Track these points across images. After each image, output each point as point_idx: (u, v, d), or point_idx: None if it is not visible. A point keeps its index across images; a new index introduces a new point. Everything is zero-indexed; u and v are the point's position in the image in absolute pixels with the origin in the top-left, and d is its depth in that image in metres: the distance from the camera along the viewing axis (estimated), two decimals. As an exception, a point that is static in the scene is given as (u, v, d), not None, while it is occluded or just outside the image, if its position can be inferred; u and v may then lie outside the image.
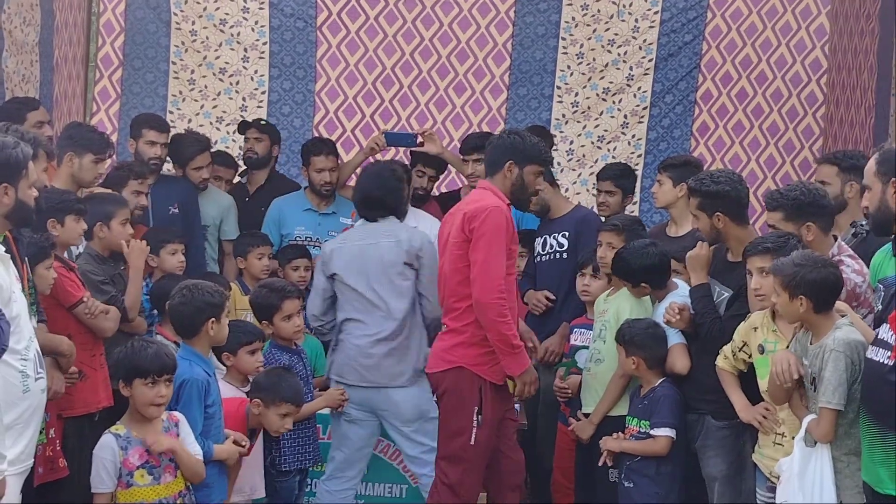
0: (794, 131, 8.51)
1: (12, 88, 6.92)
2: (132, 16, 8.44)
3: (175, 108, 8.49)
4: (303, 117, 8.65)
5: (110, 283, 5.72)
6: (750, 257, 4.95)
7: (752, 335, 4.99)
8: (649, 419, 5.44)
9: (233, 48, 8.53)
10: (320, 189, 7.29)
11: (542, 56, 8.60)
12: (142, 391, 4.70)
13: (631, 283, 5.69)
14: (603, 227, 6.05)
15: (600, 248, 5.99)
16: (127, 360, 4.79)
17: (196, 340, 5.08)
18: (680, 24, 8.51)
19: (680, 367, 5.49)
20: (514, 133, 5.86)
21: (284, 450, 5.71)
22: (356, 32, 8.60)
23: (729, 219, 5.35)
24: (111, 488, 4.63)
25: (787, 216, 5.02)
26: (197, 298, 5.06)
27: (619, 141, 8.61)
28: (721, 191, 5.37)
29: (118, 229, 5.81)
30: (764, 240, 4.96)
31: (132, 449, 4.65)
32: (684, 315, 5.42)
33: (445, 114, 8.70)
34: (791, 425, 4.76)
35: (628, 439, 5.53)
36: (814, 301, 4.44)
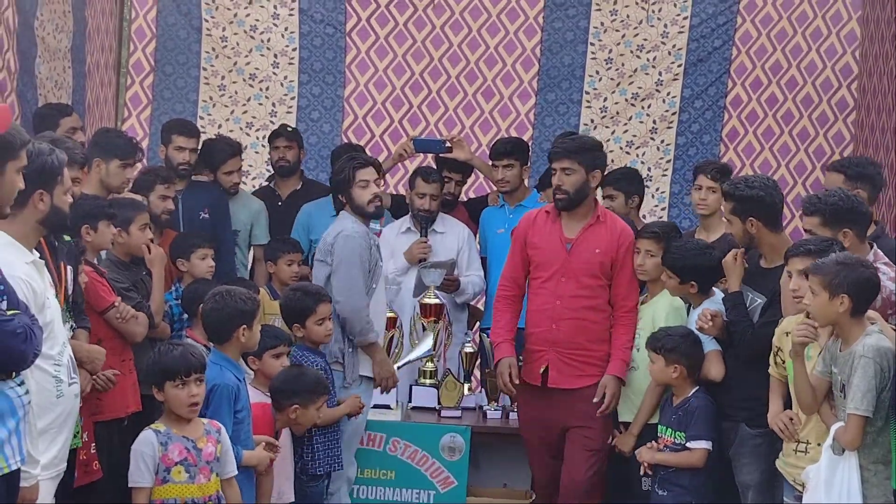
0: (824, 137, 8.47)
1: (45, 94, 6.97)
2: (163, 22, 8.50)
3: (205, 114, 8.53)
4: (332, 122, 8.68)
5: (134, 289, 5.76)
6: (791, 258, 4.90)
7: (784, 340, 4.95)
8: (685, 430, 5.42)
9: (263, 54, 8.57)
10: None
11: (571, 61, 8.60)
12: (174, 393, 4.72)
13: (680, 279, 5.66)
14: (642, 235, 5.99)
15: (638, 256, 5.91)
16: (155, 365, 4.81)
17: (227, 346, 5.11)
18: (709, 30, 8.49)
19: (714, 373, 5.48)
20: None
21: (318, 454, 5.70)
22: (385, 38, 8.63)
23: (762, 224, 5.33)
24: (150, 483, 4.63)
25: (824, 221, 5.00)
26: (230, 304, 5.09)
27: (648, 146, 8.60)
28: (755, 195, 5.35)
29: (137, 234, 5.84)
30: (807, 242, 4.92)
31: (172, 445, 4.68)
32: (717, 321, 5.41)
33: (473, 119, 8.71)
34: (816, 433, 4.75)
35: (662, 450, 5.51)
36: (854, 301, 4.41)
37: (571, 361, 5.91)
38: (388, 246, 7.16)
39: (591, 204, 5.96)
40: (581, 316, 5.90)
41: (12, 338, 3.61)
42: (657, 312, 5.80)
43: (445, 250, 7.15)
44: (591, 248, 5.88)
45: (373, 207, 6.23)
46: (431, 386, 6.67)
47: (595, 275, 5.88)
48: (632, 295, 5.90)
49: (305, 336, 5.82)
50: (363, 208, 6.21)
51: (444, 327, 6.76)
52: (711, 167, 6.58)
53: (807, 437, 4.84)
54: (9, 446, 3.68)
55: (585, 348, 5.89)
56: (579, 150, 5.91)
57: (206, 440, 4.76)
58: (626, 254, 5.88)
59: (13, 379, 3.71)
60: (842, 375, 4.44)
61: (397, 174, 8.51)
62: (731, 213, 5.40)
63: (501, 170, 7.24)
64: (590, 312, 5.89)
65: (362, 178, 6.20)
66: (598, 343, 5.89)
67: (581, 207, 5.93)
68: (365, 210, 6.21)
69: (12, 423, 3.69)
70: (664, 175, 8.60)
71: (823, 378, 4.60)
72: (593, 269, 5.88)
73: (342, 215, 6.31)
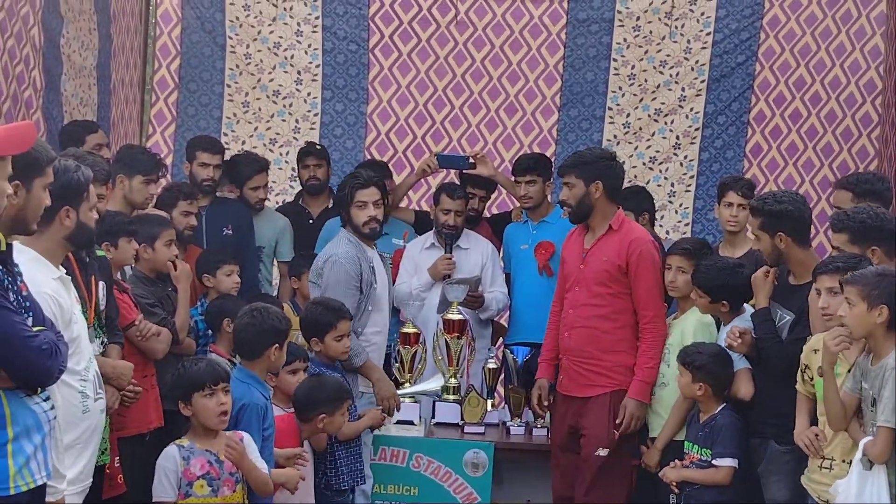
0: (848, 152, 8.45)
1: (71, 111, 7.02)
2: (188, 39, 8.56)
3: (229, 131, 8.58)
4: (355, 139, 8.71)
5: (159, 305, 5.78)
6: (820, 276, 4.86)
7: (812, 357, 4.92)
8: (711, 447, 5.40)
9: (286, 71, 8.61)
10: None
11: (594, 77, 8.61)
12: (203, 403, 4.74)
13: (711, 298, 5.64)
14: (673, 251, 5.98)
15: (669, 272, 5.90)
16: (182, 379, 4.85)
17: (256, 363, 5.12)
18: (733, 45, 8.49)
19: (744, 392, 5.46)
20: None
21: (342, 469, 5.70)
22: (408, 55, 8.66)
23: (791, 239, 5.30)
24: (173, 498, 4.67)
25: (852, 238, 4.97)
26: (266, 322, 5.10)
27: (671, 162, 8.59)
28: (784, 210, 5.32)
29: (162, 250, 5.86)
30: (835, 259, 4.88)
31: (194, 459, 4.70)
32: (746, 339, 5.38)
33: (496, 135, 8.73)
34: (841, 450, 4.72)
35: (689, 466, 5.49)
36: (892, 312, 4.37)
37: (581, 370, 5.95)
38: (412, 262, 7.17)
39: (607, 214, 5.95)
40: (591, 325, 5.92)
41: (37, 354, 3.63)
42: (686, 328, 5.78)
43: (469, 266, 7.15)
44: (601, 257, 5.92)
45: (367, 229, 6.26)
46: (454, 402, 6.67)
47: (604, 283, 5.88)
48: (651, 304, 5.86)
49: (322, 351, 5.81)
50: (359, 228, 6.25)
51: (468, 343, 6.75)
52: (742, 183, 6.57)
53: (832, 454, 4.80)
54: (35, 461, 3.70)
55: (596, 357, 5.90)
56: (576, 163, 5.99)
57: None
58: (638, 262, 5.83)
59: (38, 395, 3.73)
60: (872, 389, 4.41)
61: (420, 190, 8.52)
62: (760, 228, 5.36)
63: (524, 186, 7.23)
64: (601, 321, 5.90)
65: (360, 198, 6.25)
66: (611, 353, 5.89)
67: (595, 219, 5.95)
68: (361, 230, 6.24)
69: (38, 438, 3.71)
70: (687, 191, 8.59)
71: (853, 395, 4.56)
72: (601, 276, 5.90)
73: (339, 235, 6.36)
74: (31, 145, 3.58)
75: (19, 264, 3.82)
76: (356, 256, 6.18)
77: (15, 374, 3.62)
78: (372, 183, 6.32)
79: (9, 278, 3.68)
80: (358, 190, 6.26)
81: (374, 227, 6.31)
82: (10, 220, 3.71)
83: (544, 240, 7.16)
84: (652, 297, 5.88)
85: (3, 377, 3.61)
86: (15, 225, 3.75)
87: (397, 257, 7.34)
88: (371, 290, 6.20)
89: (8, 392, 3.63)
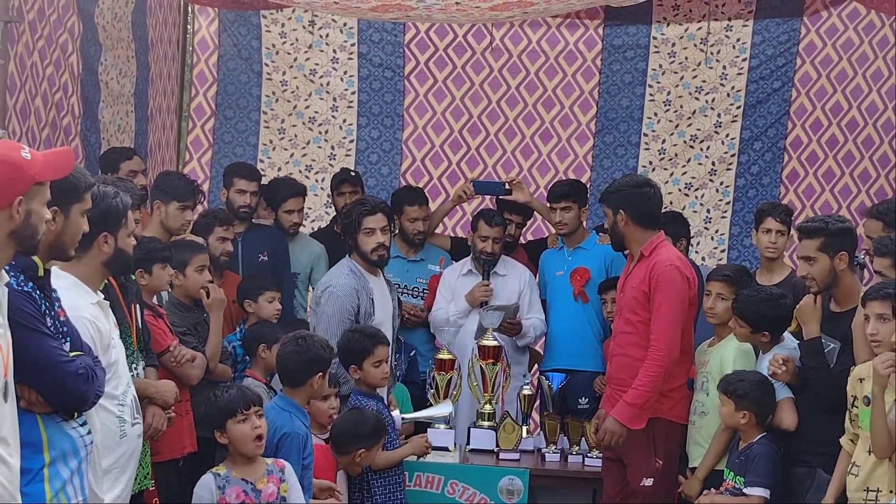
0: (885, 178, 8.39)
1: (108, 138, 7.08)
2: (224, 67, 8.61)
3: (265, 157, 8.63)
4: (390, 165, 8.74)
5: (192, 332, 5.78)
6: (870, 301, 4.78)
7: (857, 386, 4.85)
8: (744, 475, 5.36)
9: (322, 98, 8.65)
10: (413, 238, 7.33)
11: (629, 103, 8.61)
12: (238, 429, 4.73)
13: (753, 328, 5.58)
14: (713, 278, 5.92)
15: (709, 299, 5.85)
16: (214, 407, 4.84)
17: (298, 391, 5.11)
18: (769, 71, 8.46)
19: (788, 423, 5.37)
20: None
21: (376, 496, 5.69)
22: (443, 81, 8.69)
23: (849, 261, 5.26)
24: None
25: (895, 262, 4.95)
26: (311, 350, 5.10)
27: (707, 188, 8.56)
28: (847, 229, 5.30)
29: (193, 276, 5.86)
30: (885, 285, 4.80)
31: (230, 488, 4.70)
32: (790, 367, 5.33)
33: (531, 161, 8.73)
34: (888, 480, 4.65)
35: (722, 493, 5.44)
36: None
37: (618, 397, 5.89)
38: (450, 288, 7.16)
39: (640, 241, 5.90)
40: (626, 353, 5.89)
41: (74, 378, 3.65)
42: (726, 357, 5.71)
43: (507, 293, 7.14)
44: (632, 284, 5.90)
45: (375, 256, 6.22)
46: (490, 428, 6.65)
47: (633, 310, 5.85)
48: (656, 327, 5.73)
49: (361, 379, 5.81)
50: (367, 255, 6.22)
51: (503, 369, 6.73)
52: (780, 210, 6.52)
53: (877, 485, 4.73)
54: (71, 486, 3.70)
55: (629, 384, 5.82)
56: (606, 192, 6.07)
57: (267, 480, 4.77)
58: (657, 285, 5.74)
59: (75, 419, 3.75)
60: None
61: (455, 216, 8.53)
62: (820, 249, 5.24)
63: (559, 212, 7.22)
64: (633, 349, 5.85)
65: (368, 225, 6.21)
66: None
67: (631, 247, 5.95)
68: (369, 258, 6.21)
69: (74, 463, 3.72)
70: (723, 217, 8.55)
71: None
72: (631, 304, 5.87)
73: (341, 264, 6.35)
74: (69, 171, 3.60)
75: (58, 290, 3.85)
76: (354, 289, 6.13)
77: (51, 399, 3.64)
78: (379, 209, 6.28)
79: (46, 303, 3.70)
80: (366, 216, 6.20)
81: (383, 255, 6.25)
82: (48, 245, 3.72)
83: (580, 266, 7.16)
84: (659, 319, 5.74)
85: (41, 402, 3.62)
86: (53, 251, 3.77)
87: (433, 283, 7.34)
88: (368, 321, 6.14)
89: (45, 417, 3.64)
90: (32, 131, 6.07)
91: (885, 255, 4.97)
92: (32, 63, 6.07)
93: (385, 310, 6.32)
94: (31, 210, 3.41)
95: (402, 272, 7.32)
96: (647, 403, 5.71)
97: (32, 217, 3.44)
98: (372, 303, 6.18)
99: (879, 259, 5.00)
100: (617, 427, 5.75)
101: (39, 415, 3.63)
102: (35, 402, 3.61)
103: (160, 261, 5.52)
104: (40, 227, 3.52)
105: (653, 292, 5.77)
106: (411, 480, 6.21)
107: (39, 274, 3.72)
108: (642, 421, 5.73)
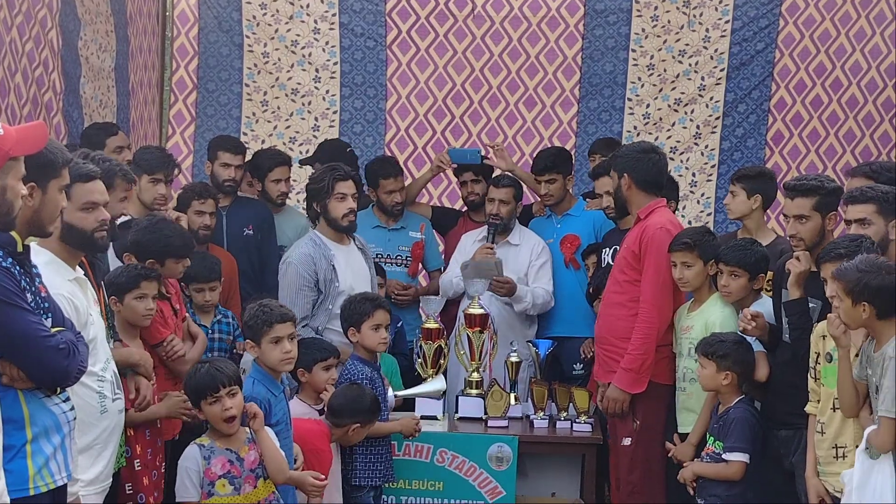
0: (870, 138, 8.39)
1: (90, 114, 7.04)
2: (205, 39, 8.57)
3: (249, 130, 8.59)
4: (374, 135, 8.71)
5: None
6: (824, 264, 4.84)
7: (820, 343, 4.90)
8: (723, 440, 5.37)
9: (304, 69, 8.62)
10: (391, 209, 7.31)
11: (613, 68, 8.58)
12: (209, 411, 4.79)
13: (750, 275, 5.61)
14: (674, 248, 5.82)
15: (675, 269, 5.79)
16: (186, 387, 4.92)
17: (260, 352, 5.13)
18: (752, 33, 8.44)
19: (761, 374, 5.43)
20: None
21: (357, 465, 5.75)
22: (426, 50, 8.65)
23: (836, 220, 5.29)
24: (196, 498, 4.68)
25: (881, 209, 4.94)
26: (272, 311, 5.13)
27: (692, 152, 8.55)
28: (840, 189, 5.33)
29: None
30: (837, 245, 4.84)
31: (214, 459, 4.72)
32: (760, 322, 5.35)
33: (516, 129, 8.71)
34: (854, 437, 4.66)
35: (704, 459, 5.46)
36: (876, 307, 4.35)
37: (603, 356, 6.02)
38: (464, 252, 7.18)
39: (640, 206, 5.97)
40: (610, 311, 5.97)
41: (54, 353, 3.64)
42: (710, 320, 5.67)
43: (518, 264, 7.12)
44: (624, 245, 6.01)
45: (346, 222, 6.23)
46: (477, 396, 6.65)
47: (622, 270, 5.93)
48: (646, 290, 5.80)
49: (360, 342, 5.82)
50: (337, 221, 6.22)
51: (490, 337, 6.73)
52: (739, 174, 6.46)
53: (845, 442, 4.75)
54: (54, 462, 3.71)
55: (612, 343, 5.93)
56: (612, 158, 6.12)
57: (249, 448, 4.81)
58: (646, 248, 5.81)
59: (58, 395, 3.74)
60: (875, 377, 4.37)
61: (441, 185, 8.51)
62: (815, 208, 5.23)
63: (545, 185, 7.22)
64: (617, 308, 5.92)
65: (341, 190, 6.21)
66: (625, 340, 5.86)
67: (633, 210, 6.00)
68: (339, 224, 6.22)
69: (57, 438, 3.72)
70: (709, 180, 8.55)
71: (860, 381, 4.53)
72: (621, 264, 5.96)
73: (304, 237, 6.36)
74: (43, 145, 3.58)
75: (37, 266, 3.83)
76: (310, 256, 6.14)
77: (33, 375, 3.63)
78: (350, 176, 6.28)
79: (27, 279, 3.69)
80: (339, 181, 6.20)
81: (353, 220, 6.27)
82: (25, 222, 3.71)
83: (569, 233, 7.16)
84: (648, 282, 5.81)
85: (22, 378, 3.62)
86: (31, 227, 3.75)
87: (416, 250, 7.39)
88: (332, 289, 6.14)
89: (27, 393, 3.64)
90: (13, 108, 6.02)
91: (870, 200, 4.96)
92: (11, 39, 6.01)
93: (356, 276, 6.31)
94: (5, 185, 3.40)
95: (383, 241, 7.32)
96: (644, 367, 5.78)
97: (7, 193, 3.42)
98: (334, 269, 6.17)
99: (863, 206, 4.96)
100: (618, 394, 5.83)
101: (21, 391, 3.63)
102: (17, 378, 3.61)
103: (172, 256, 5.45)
104: (16, 202, 3.51)
105: (643, 255, 5.82)
106: (400, 450, 6.22)
107: (18, 250, 3.70)
108: (643, 384, 5.79)
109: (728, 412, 5.39)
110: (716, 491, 5.37)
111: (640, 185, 5.94)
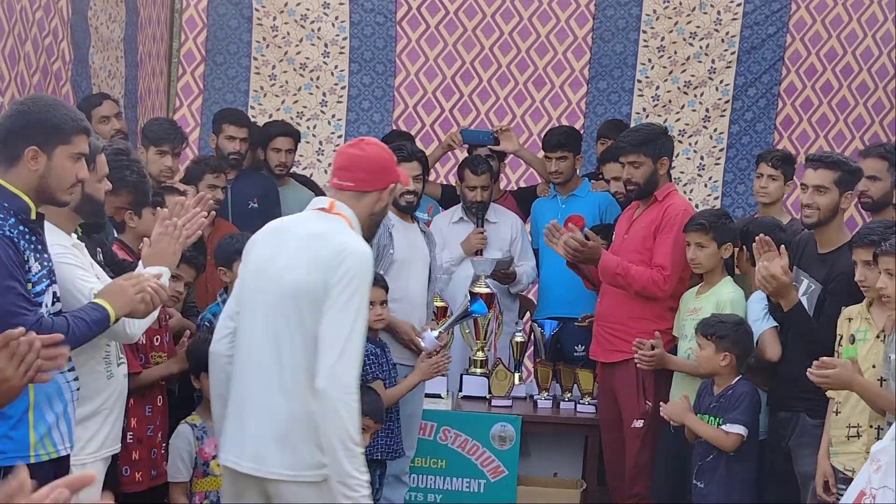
0: (879, 125, 8.34)
1: (99, 84, 7.02)
2: (214, 12, 8.52)
3: (256, 104, 8.56)
4: (382, 112, 8.67)
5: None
6: (856, 249, 4.82)
7: (845, 325, 4.89)
8: (724, 415, 5.34)
9: (313, 43, 8.57)
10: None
11: (623, 49, 8.53)
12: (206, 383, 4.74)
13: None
14: (689, 228, 5.80)
15: (689, 250, 5.75)
16: (191, 357, 4.90)
17: None
18: (763, 17, 8.39)
19: (771, 353, 5.41)
20: None
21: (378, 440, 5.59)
22: (435, 27, 8.61)
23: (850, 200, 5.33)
24: (187, 478, 4.71)
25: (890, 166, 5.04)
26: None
27: (701, 135, 8.52)
28: (860, 169, 5.37)
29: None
30: (871, 231, 4.83)
31: (208, 439, 4.71)
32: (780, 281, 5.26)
33: (524, 108, 8.67)
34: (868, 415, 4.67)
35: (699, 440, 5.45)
36: None
37: (607, 334, 5.97)
38: (441, 235, 7.10)
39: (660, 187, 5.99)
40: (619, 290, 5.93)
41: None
42: (721, 302, 5.63)
43: (499, 240, 7.12)
44: (640, 226, 5.96)
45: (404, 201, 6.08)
46: (482, 375, 6.65)
47: (638, 250, 5.90)
48: (661, 250, 5.83)
49: None
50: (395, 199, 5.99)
51: (495, 316, 6.73)
52: (773, 155, 6.45)
53: (857, 421, 4.75)
54: (57, 432, 3.67)
55: (621, 322, 5.90)
56: (643, 142, 5.96)
57: None
58: (666, 224, 5.84)
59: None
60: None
61: (448, 164, 8.49)
62: (835, 183, 5.23)
63: (555, 162, 7.20)
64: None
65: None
66: (637, 319, 5.86)
67: (654, 192, 6.00)
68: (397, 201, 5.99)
69: (60, 406, 3.68)
70: (717, 164, 8.52)
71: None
72: (636, 244, 5.92)
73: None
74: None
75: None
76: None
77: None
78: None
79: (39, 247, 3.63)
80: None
81: (411, 201, 6.13)
82: (33, 189, 3.63)
83: (574, 214, 7.14)
84: (664, 244, 5.83)
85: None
86: (40, 195, 3.66)
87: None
88: (385, 254, 5.96)
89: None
90: (22, 77, 5.99)
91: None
92: (22, 7, 5.98)
93: (413, 251, 6.12)
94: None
95: (389, 221, 7.28)
96: (618, 280, 5.84)
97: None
98: (390, 236, 6.00)
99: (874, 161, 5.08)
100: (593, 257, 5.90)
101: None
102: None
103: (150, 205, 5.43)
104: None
105: (663, 228, 5.86)
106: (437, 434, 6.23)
107: (32, 217, 3.66)
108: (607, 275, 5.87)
109: (734, 388, 5.37)
110: (716, 470, 5.32)
111: (670, 167, 6.04)
